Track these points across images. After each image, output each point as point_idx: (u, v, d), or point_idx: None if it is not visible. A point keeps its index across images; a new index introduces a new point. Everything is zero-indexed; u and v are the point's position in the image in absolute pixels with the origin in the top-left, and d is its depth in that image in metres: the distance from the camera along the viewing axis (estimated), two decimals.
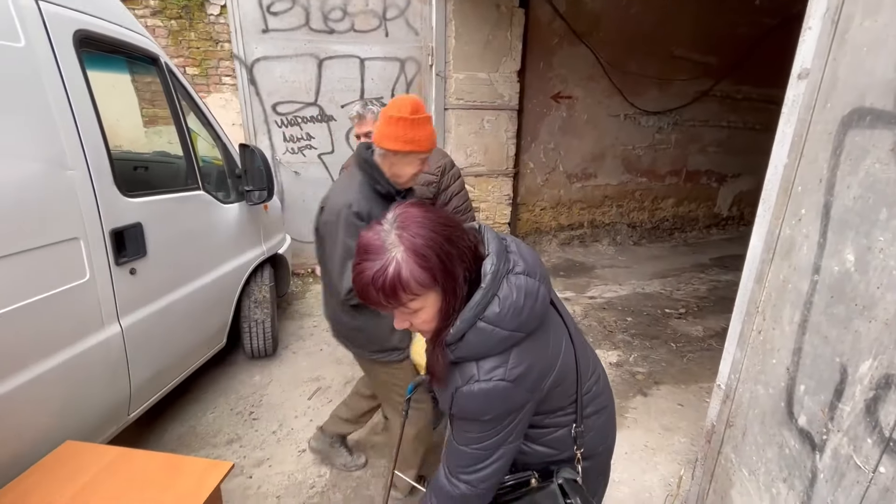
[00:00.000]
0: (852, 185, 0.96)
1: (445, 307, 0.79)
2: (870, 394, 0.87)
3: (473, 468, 0.89)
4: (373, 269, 0.74)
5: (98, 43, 1.76)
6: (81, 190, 1.61)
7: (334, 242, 1.45)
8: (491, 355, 0.81)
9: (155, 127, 4.07)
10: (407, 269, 0.74)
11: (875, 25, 0.92)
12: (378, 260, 0.74)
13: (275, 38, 3.80)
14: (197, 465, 1.47)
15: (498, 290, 0.79)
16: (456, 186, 2.15)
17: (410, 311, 0.79)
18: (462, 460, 0.90)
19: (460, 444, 0.90)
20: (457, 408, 0.86)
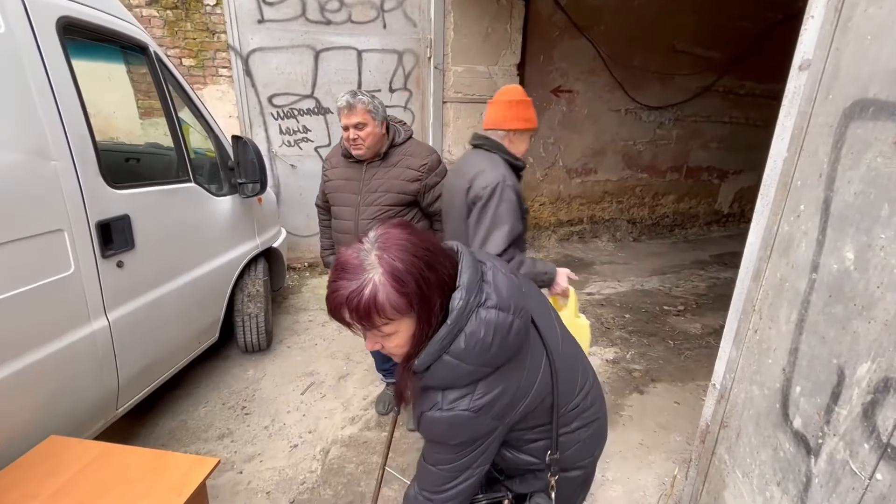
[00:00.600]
0: (853, 180, 0.92)
1: (418, 333, 0.77)
2: (867, 397, 0.84)
3: (441, 488, 0.90)
4: (348, 289, 0.72)
5: (83, 30, 1.72)
6: (65, 181, 1.57)
7: (484, 214, 1.58)
8: (456, 387, 0.80)
9: (151, 118, 4.03)
10: (384, 292, 0.71)
11: (880, 12, 0.88)
12: (355, 280, 0.72)
13: (271, 28, 3.74)
14: (183, 461, 1.45)
15: (465, 325, 0.76)
16: (440, 187, 2.02)
17: (382, 335, 0.77)
18: (430, 478, 0.91)
19: (429, 464, 0.91)
20: (423, 430, 0.87)
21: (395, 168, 1.97)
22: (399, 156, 1.98)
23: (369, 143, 1.90)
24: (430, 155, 2.02)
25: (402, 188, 1.97)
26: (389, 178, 1.96)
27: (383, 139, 1.96)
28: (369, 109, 1.86)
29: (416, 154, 1.99)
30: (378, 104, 1.90)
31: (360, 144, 1.90)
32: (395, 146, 2.00)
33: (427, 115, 4.26)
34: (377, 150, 1.95)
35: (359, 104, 1.84)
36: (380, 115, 1.90)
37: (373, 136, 1.90)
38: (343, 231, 2.07)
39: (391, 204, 1.96)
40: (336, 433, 2.36)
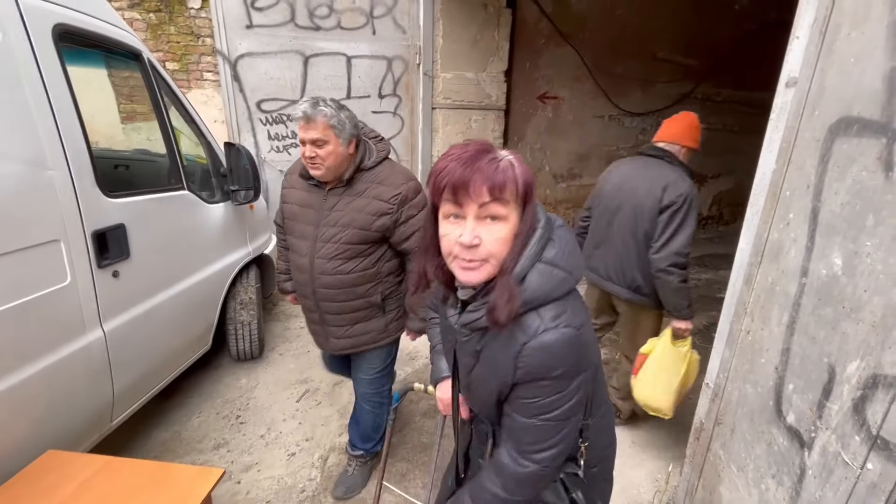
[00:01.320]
0: (840, 192, 0.99)
1: (519, 232, 0.78)
2: (857, 393, 0.91)
3: (544, 444, 0.83)
4: (488, 156, 0.76)
5: (78, 37, 1.70)
6: (62, 190, 1.55)
7: (674, 218, 1.93)
8: (550, 301, 0.78)
9: (133, 123, 3.95)
10: (519, 168, 0.77)
11: (862, 37, 0.96)
12: (491, 153, 0.77)
13: (259, 33, 3.72)
14: (186, 472, 1.44)
15: (552, 234, 0.82)
16: (418, 220, 1.62)
17: (491, 221, 0.76)
18: (530, 436, 0.83)
19: (527, 418, 0.82)
20: (525, 368, 0.79)
21: (359, 198, 1.59)
22: (366, 183, 1.61)
23: (330, 163, 1.53)
24: (405, 183, 1.62)
25: (366, 223, 1.59)
26: (351, 210, 1.59)
27: (349, 160, 1.59)
28: (332, 125, 1.49)
29: (387, 182, 1.61)
30: (345, 118, 1.52)
31: (319, 165, 1.53)
32: (363, 170, 1.62)
33: (416, 121, 4.28)
34: (340, 174, 1.59)
35: (319, 116, 1.48)
36: (346, 132, 1.53)
37: (334, 157, 1.53)
38: (298, 269, 1.72)
39: (352, 242, 1.61)
40: (333, 440, 2.36)
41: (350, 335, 1.77)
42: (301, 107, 1.50)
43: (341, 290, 1.68)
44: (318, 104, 1.50)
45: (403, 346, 3.27)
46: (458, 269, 0.79)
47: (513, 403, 0.84)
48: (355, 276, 1.66)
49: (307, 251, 1.67)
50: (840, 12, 1.03)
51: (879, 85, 0.90)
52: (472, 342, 0.86)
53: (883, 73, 0.89)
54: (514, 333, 0.79)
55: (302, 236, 1.70)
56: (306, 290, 1.73)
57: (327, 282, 1.66)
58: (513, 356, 0.79)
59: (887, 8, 0.89)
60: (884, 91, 0.89)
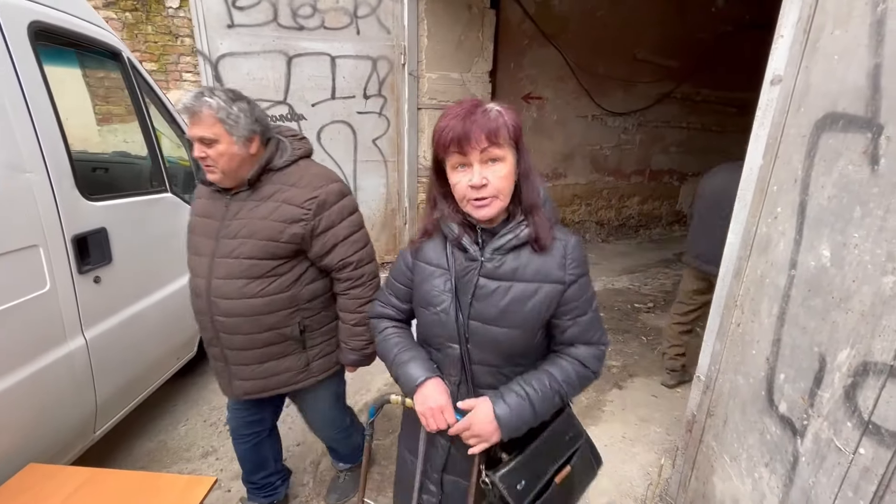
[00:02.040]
0: (826, 185, 1.02)
1: (518, 170, 0.93)
2: (848, 380, 0.93)
3: (601, 329, 1.03)
4: (480, 108, 0.88)
5: (55, 36, 1.64)
6: (40, 194, 1.49)
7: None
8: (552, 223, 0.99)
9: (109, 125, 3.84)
10: (507, 115, 0.90)
11: (845, 35, 0.99)
12: (482, 106, 0.89)
13: (241, 33, 3.66)
14: (177, 481, 1.40)
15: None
16: (343, 229, 1.38)
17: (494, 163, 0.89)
18: (595, 326, 1.01)
19: (586, 314, 1.00)
20: (574, 262, 0.97)
21: (265, 203, 1.32)
22: (275, 185, 1.34)
23: (223, 166, 1.28)
24: (324, 186, 1.35)
25: (273, 233, 1.31)
26: (255, 218, 1.32)
27: (250, 161, 1.32)
28: (221, 118, 1.23)
29: (301, 183, 1.34)
30: (238, 112, 1.26)
31: (212, 167, 1.29)
32: (271, 171, 1.35)
33: (402, 122, 4.27)
34: (240, 177, 1.32)
35: (204, 109, 1.22)
36: (242, 128, 1.27)
37: (227, 158, 1.27)
38: (195, 293, 1.42)
39: (256, 257, 1.32)
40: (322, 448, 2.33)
41: (258, 375, 1.45)
42: (185, 98, 1.25)
43: (246, 319, 1.36)
44: (203, 94, 1.24)
45: None
46: (472, 208, 0.92)
47: (568, 311, 0.99)
48: (263, 301, 1.34)
49: (204, 271, 1.37)
50: (823, 12, 1.06)
51: (863, 82, 0.93)
52: (505, 264, 0.96)
53: (867, 70, 0.92)
54: (553, 246, 0.97)
55: (198, 252, 1.40)
56: (204, 319, 1.42)
57: (227, 308, 1.35)
58: (559, 258, 0.97)
59: (869, 7, 0.92)
60: (868, 87, 0.92)
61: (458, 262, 0.99)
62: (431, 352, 1.08)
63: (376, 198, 4.50)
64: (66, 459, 1.68)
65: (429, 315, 1.03)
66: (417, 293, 1.06)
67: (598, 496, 2.06)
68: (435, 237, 1.04)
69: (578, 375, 0.99)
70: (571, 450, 1.07)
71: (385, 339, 1.12)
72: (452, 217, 0.98)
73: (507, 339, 0.97)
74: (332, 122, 4.12)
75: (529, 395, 0.95)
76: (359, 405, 2.64)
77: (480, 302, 0.97)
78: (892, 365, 0.84)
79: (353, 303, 1.43)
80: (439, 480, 1.09)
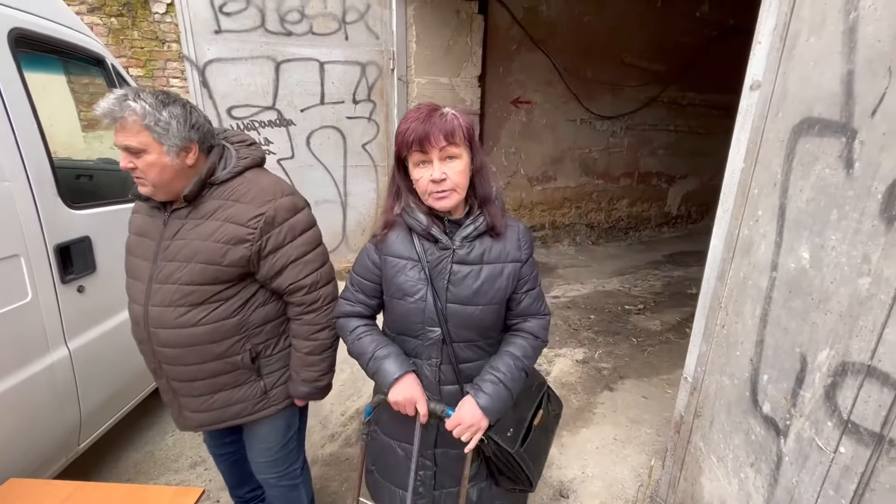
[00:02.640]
0: (805, 189, 1.04)
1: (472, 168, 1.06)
2: (828, 380, 0.95)
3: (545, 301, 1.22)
4: (437, 112, 1.00)
5: (36, 43, 1.62)
6: (21, 202, 1.47)
7: None
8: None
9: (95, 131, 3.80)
10: (461, 119, 1.02)
11: (820, 43, 1.01)
12: (439, 110, 1.01)
13: (228, 39, 3.64)
14: (163, 493, 1.38)
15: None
16: (294, 248, 1.22)
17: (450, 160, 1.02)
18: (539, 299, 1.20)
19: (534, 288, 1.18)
20: (527, 244, 1.15)
21: (206, 222, 1.18)
22: (218, 200, 1.19)
23: (154, 178, 1.13)
24: (272, 201, 1.19)
25: (215, 255, 1.17)
26: (195, 239, 1.17)
27: (186, 173, 1.17)
28: (147, 125, 1.08)
29: (245, 199, 1.19)
30: (168, 118, 1.10)
31: (142, 179, 1.14)
32: (213, 184, 1.19)
33: (392, 127, 4.27)
34: (175, 191, 1.17)
35: (128, 114, 1.07)
36: (174, 136, 1.12)
37: (158, 170, 1.13)
38: (133, 320, 1.30)
39: (196, 283, 1.18)
40: (316, 452, 2.31)
41: (210, 407, 1.32)
42: (102, 102, 1.08)
43: (190, 350, 1.23)
44: (126, 98, 1.07)
45: None
46: (433, 200, 1.04)
47: (523, 285, 1.16)
48: (207, 328, 1.21)
49: (141, 297, 1.23)
50: (798, 19, 1.08)
51: (838, 87, 0.95)
52: (473, 250, 1.09)
53: (840, 76, 0.94)
54: (507, 232, 1.12)
55: (135, 276, 1.26)
56: (145, 349, 1.30)
57: (167, 338, 1.22)
58: (515, 241, 1.13)
59: (842, 15, 0.95)
60: (842, 93, 0.94)
61: (430, 252, 1.09)
62: (408, 340, 1.15)
63: (366, 202, 4.50)
64: (50, 473, 1.65)
65: (406, 305, 1.10)
66: (391, 286, 1.12)
67: (590, 498, 2.06)
68: (396, 231, 1.12)
69: (533, 347, 1.17)
70: (540, 396, 1.31)
71: (359, 339, 1.16)
72: (419, 207, 1.08)
73: (483, 314, 1.11)
74: (322, 128, 4.12)
75: (501, 378, 1.10)
76: (350, 411, 2.63)
77: (456, 286, 1.08)
78: (868, 365, 0.85)
79: (306, 329, 1.28)
80: (432, 455, 1.21)
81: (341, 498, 2.03)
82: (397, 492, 1.25)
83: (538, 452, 1.24)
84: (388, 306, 1.17)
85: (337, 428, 2.49)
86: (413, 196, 1.09)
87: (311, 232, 1.28)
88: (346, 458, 2.27)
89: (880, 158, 0.85)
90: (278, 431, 1.43)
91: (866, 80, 0.89)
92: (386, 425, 1.25)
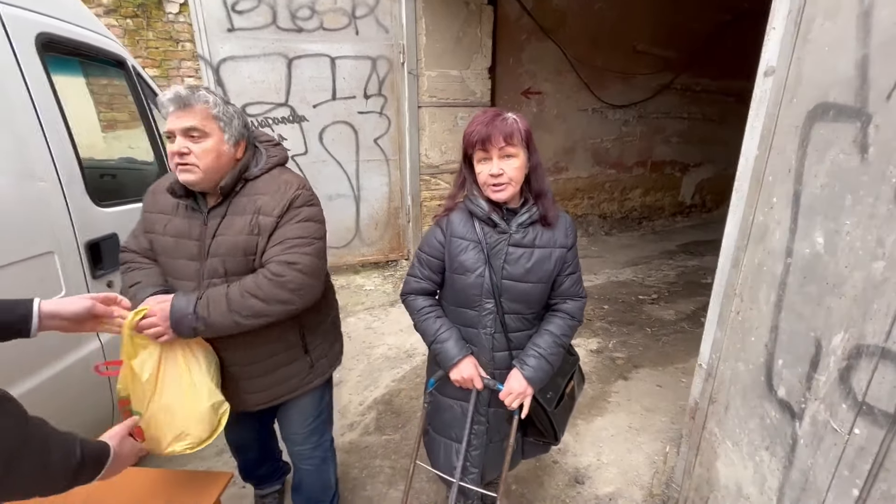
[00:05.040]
0: (819, 175, 1.04)
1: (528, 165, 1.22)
2: (843, 363, 0.96)
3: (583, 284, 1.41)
4: (500, 117, 1.17)
5: (62, 46, 1.68)
6: (53, 202, 1.54)
7: None
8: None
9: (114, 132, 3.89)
10: (521, 123, 1.19)
11: (835, 27, 1.01)
12: (501, 115, 1.18)
13: (241, 37, 3.69)
14: (194, 477, 1.45)
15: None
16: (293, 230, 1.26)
17: (509, 158, 1.18)
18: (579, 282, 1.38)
19: (576, 272, 1.37)
20: (572, 232, 1.33)
21: (242, 217, 1.24)
22: (250, 197, 1.26)
23: (206, 164, 1.17)
24: (295, 190, 1.27)
25: (250, 247, 1.23)
26: (234, 233, 1.23)
27: (230, 165, 1.23)
28: (216, 114, 1.17)
29: (270, 191, 1.26)
30: (233, 112, 1.22)
31: (191, 166, 1.17)
32: (246, 180, 1.27)
33: (403, 120, 4.30)
34: (216, 181, 1.21)
35: (198, 102, 1.15)
36: (234, 128, 1.22)
37: (214, 156, 1.18)
38: None
39: (240, 273, 1.24)
40: (336, 441, 2.37)
41: (268, 386, 1.41)
42: (171, 90, 1.14)
43: (248, 336, 1.28)
44: (199, 89, 1.18)
45: (400, 344, 3.30)
46: (491, 192, 1.22)
47: (566, 269, 1.33)
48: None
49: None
50: (813, 4, 1.08)
51: (853, 72, 0.95)
52: (527, 236, 1.27)
53: (855, 61, 0.94)
54: (557, 222, 1.30)
55: (183, 276, 1.28)
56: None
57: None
58: (563, 229, 1.31)
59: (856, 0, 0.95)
60: (857, 77, 0.94)
61: (489, 235, 1.27)
62: (466, 312, 1.34)
63: (379, 197, 4.54)
64: None
65: (466, 279, 1.29)
66: (454, 262, 1.31)
67: (605, 485, 2.09)
68: (459, 216, 1.31)
69: (570, 326, 1.36)
70: (573, 370, 1.51)
71: (425, 319, 1.37)
72: (482, 195, 1.26)
73: (532, 290, 1.29)
74: (334, 123, 4.16)
75: (542, 353, 1.30)
76: (368, 401, 2.69)
77: (511, 265, 1.27)
78: (883, 347, 0.86)
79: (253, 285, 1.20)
80: (486, 412, 1.41)
81: (361, 484, 2.10)
82: (452, 445, 1.44)
83: (565, 414, 1.47)
84: (450, 281, 1.35)
85: (356, 417, 2.55)
86: (476, 187, 1.27)
87: (316, 225, 1.31)
88: (366, 446, 2.33)
89: (895, 143, 0.85)
90: (315, 401, 1.55)
91: (881, 64, 0.89)
92: (446, 388, 1.43)
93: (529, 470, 2.15)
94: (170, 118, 1.16)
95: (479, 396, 1.38)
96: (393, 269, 4.72)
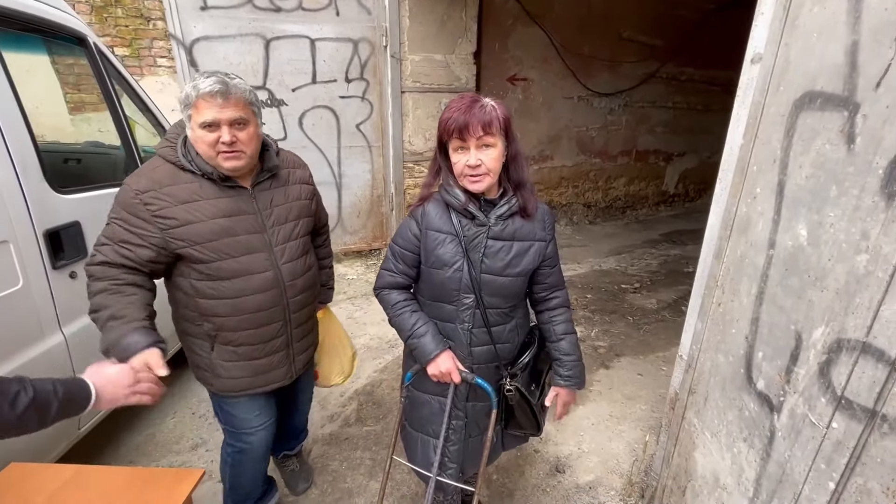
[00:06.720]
0: (804, 165, 1.02)
1: (506, 155, 1.18)
2: (823, 357, 0.95)
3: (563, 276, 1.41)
4: (478, 104, 1.11)
5: (13, 21, 1.56)
6: (6, 188, 1.44)
7: None
8: None
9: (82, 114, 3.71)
10: (500, 109, 1.13)
11: (824, 12, 0.98)
12: (479, 101, 1.12)
13: (215, 16, 3.53)
14: (164, 475, 1.39)
15: None
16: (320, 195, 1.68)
17: (486, 147, 1.12)
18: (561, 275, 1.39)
19: (559, 262, 1.37)
20: (550, 225, 1.31)
21: (289, 187, 1.45)
22: (285, 168, 1.46)
23: (252, 149, 1.28)
24: (304, 163, 1.59)
25: (308, 209, 1.51)
26: (291, 199, 1.45)
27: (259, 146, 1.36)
28: (251, 101, 1.26)
29: (295, 164, 1.52)
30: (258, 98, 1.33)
31: (240, 153, 1.25)
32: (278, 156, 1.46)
33: (385, 106, 4.20)
34: (254, 163, 1.35)
35: (236, 92, 1.20)
36: (260, 113, 1.33)
37: (257, 140, 1.30)
38: (261, 289, 1.37)
39: (304, 235, 1.49)
40: (316, 432, 2.34)
41: (310, 343, 1.64)
42: (208, 80, 1.17)
43: (310, 292, 1.53)
44: (228, 77, 1.22)
45: (382, 334, 3.26)
46: (468, 182, 1.17)
47: (547, 262, 1.32)
48: (314, 270, 1.56)
49: (266, 264, 1.37)
50: None
51: (841, 59, 0.92)
52: (506, 228, 1.23)
53: (845, 47, 0.91)
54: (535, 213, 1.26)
55: (249, 250, 1.34)
56: (274, 310, 1.42)
57: (303, 285, 1.48)
58: (541, 222, 1.28)
59: None
60: (845, 65, 0.91)
61: (466, 227, 1.22)
62: (443, 306, 1.30)
63: (362, 184, 4.45)
64: (51, 457, 1.66)
65: (444, 274, 1.24)
66: (430, 256, 1.25)
67: (585, 474, 2.11)
68: (435, 208, 1.24)
69: (570, 317, 1.41)
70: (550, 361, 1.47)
71: (400, 314, 1.32)
72: (457, 186, 1.20)
73: (511, 284, 1.26)
74: (314, 108, 4.04)
75: (572, 360, 1.36)
76: (349, 392, 2.65)
77: (490, 259, 1.23)
78: (864, 342, 0.85)
79: (328, 250, 1.78)
80: (464, 407, 1.39)
81: (341, 476, 2.07)
82: (430, 441, 1.42)
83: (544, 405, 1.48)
84: (426, 275, 1.30)
85: (336, 409, 2.52)
86: (452, 176, 1.21)
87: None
88: (346, 437, 2.30)
89: (883, 133, 0.83)
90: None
91: (871, 50, 0.86)
92: (423, 383, 1.40)
93: (510, 459, 2.15)
94: (208, 109, 1.19)
95: (457, 391, 1.35)
96: (376, 258, 4.65)
